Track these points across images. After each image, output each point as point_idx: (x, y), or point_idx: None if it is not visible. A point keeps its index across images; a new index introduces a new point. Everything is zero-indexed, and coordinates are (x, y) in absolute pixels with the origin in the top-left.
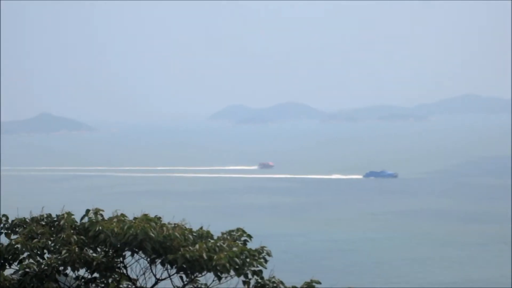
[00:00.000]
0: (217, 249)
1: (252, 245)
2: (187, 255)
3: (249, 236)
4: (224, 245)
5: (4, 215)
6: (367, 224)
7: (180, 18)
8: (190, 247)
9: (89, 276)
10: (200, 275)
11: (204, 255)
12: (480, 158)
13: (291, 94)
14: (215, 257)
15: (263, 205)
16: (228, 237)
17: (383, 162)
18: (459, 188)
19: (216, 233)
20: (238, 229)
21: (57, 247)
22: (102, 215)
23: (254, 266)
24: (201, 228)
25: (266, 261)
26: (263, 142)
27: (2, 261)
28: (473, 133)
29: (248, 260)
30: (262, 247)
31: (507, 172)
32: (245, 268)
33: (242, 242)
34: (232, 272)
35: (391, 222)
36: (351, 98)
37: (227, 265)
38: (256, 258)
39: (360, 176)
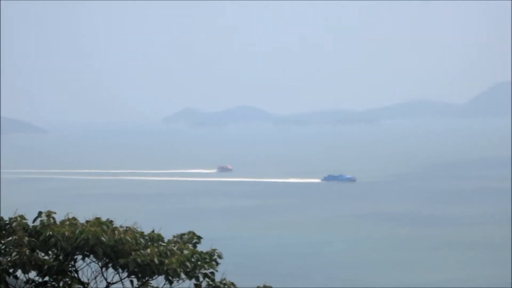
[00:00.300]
0: (168, 253)
1: (205, 247)
2: (139, 260)
3: (199, 238)
4: (175, 249)
5: None
6: (322, 228)
7: (137, 21)
8: (142, 251)
9: (40, 280)
10: (151, 279)
11: (156, 260)
12: (433, 163)
13: (244, 98)
14: (166, 261)
15: (220, 208)
16: (179, 240)
17: (339, 166)
18: (414, 192)
19: (168, 236)
20: (189, 232)
21: (7, 249)
22: (54, 218)
23: (205, 269)
24: (153, 231)
25: (217, 263)
26: (220, 146)
27: None
28: (425, 137)
29: (199, 263)
30: (213, 250)
31: (460, 176)
32: (196, 271)
33: (192, 244)
34: (183, 276)
35: (345, 225)
36: (303, 102)
37: (178, 269)
38: (207, 261)
39: (318, 180)
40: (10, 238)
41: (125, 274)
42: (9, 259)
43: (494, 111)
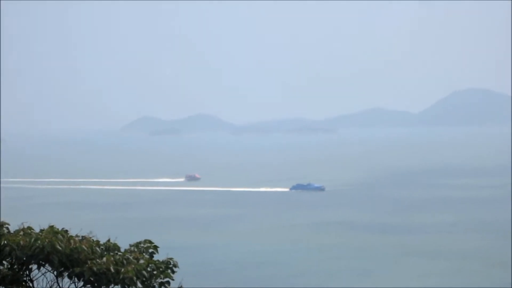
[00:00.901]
0: (124, 261)
1: (164, 256)
2: (94, 268)
3: (155, 248)
4: (131, 258)
5: None
6: (285, 236)
7: (97, 30)
8: (98, 260)
9: None
10: None
11: (112, 268)
12: (395, 171)
13: (201, 106)
14: (122, 270)
15: (184, 217)
16: (136, 249)
17: (303, 175)
18: (381, 200)
19: (125, 245)
20: (145, 241)
21: None
22: (8, 228)
23: (161, 278)
24: (109, 240)
25: (173, 272)
26: (181, 154)
27: None
28: (383, 146)
29: (155, 272)
30: (169, 259)
31: (422, 185)
32: (152, 280)
33: (149, 254)
34: (139, 285)
35: (309, 234)
36: (260, 111)
37: (134, 278)
38: (163, 270)
39: (286, 189)
40: None
41: (81, 283)
42: None
43: (450, 120)
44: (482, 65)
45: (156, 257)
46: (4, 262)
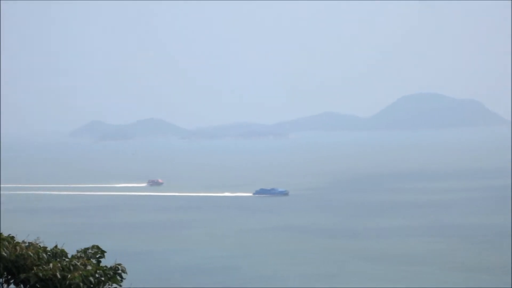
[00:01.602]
0: (71, 267)
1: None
2: (40, 274)
3: (103, 253)
4: (79, 264)
5: None
6: (243, 242)
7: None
8: (44, 266)
9: None
10: None
11: (58, 274)
12: (350, 175)
13: (151, 111)
14: (69, 276)
15: (143, 223)
16: (83, 255)
17: (262, 179)
18: (340, 204)
19: (73, 251)
20: (92, 247)
21: None
22: None
23: (109, 284)
24: (56, 246)
25: (121, 279)
26: (133, 159)
27: None
28: (335, 150)
29: (103, 278)
30: (117, 265)
31: (374, 188)
32: (100, 286)
33: (96, 259)
34: None
35: (267, 239)
36: (211, 116)
37: (81, 284)
38: (111, 276)
39: (250, 194)
40: None
41: None
42: None
43: (400, 124)
44: (431, 70)
45: (105, 262)
46: None
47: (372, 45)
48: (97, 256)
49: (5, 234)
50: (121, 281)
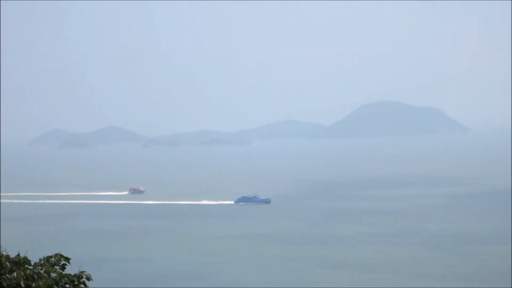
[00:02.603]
0: (35, 276)
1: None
2: (4, 284)
3: (67, 260)
4: (43, 272)
5: None
6: (216, 249)
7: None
8: (7, 275)
9: None
10: None
11: (22, 283)
12: (317, 182)
13: (112, 119)
14: (33, 285)
15: (116, 230)
16: (46, 263)
17: (233, 187)
18: (312, 211)
19: (36, 260)
20: (56, 255)
21: None
22: None
23: None
24: (18, 255)
25: (86, 286)
26: (97, 167)
27: None
28: (298, 157)
29: (67, 286)
30: (82, 272)
31: (343, 196)
32: None
33: (60, 267)
34: None
35: (240, 246)
36: (172, 123)
37: None
38: (75, 283)
39: (231, 202)
40: None
41: None
42: None
43: (361, 132)
44: (391, 78)
45: (70, 270)
46: None
47: (333, 53)
48: (61, 263)
49: None
50: None
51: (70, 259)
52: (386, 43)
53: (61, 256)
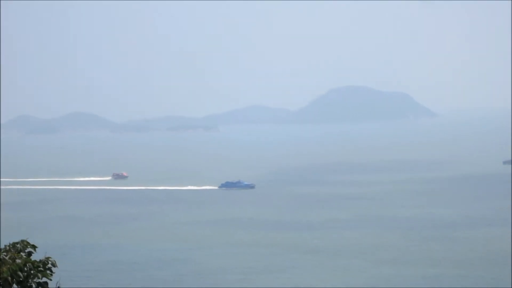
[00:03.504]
0: None
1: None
2: None
3: (34, 247)
4: (7, 258)
5: None
6: (193, 235)
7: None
8: None
9: None
10: None
11: None
12: (289, 168)
13: (80, 104)
14: None
15: (93, 216)
16: (12, 250)
17: (205, 173)
18: (279, 197)
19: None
20: (22, 241)
21: None
22: None
23: (38, 278)
24: None
25: (51, 272)
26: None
27: None
28: (267, 143)
29: (32, 272)
30: (47, 258)
31: (317, 181)
32: (30, 281)
33: (26, 253)
34: (15, 285)
35: (218, 231)
36: (140, 109)
37: (9, 278)
38: (40, 269)
39: (215, 187)
40: None
41: None
42: None
43: (328, 118)
44: (359, 63)
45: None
46: None
47: (300, 38)
48: (27, 250)
49: None
50: (51, 274)
51: (36, 246)
52: (354, 28)
53: (28, 243)
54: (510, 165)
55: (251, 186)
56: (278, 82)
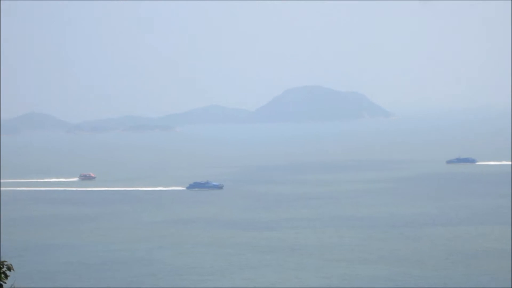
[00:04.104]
0: None
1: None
2: None
3: None
4: None
5: None
6: (154, 234)
7: None
8: None
9: None
10: None
11: None
12: (250, 168)
13: (32, 105)
14: None
15: (48, 216)
16: None
17: (170, 172)
18: (245, 196)
19: None
20: None
21: None
22: None
23: None
24: None
25: (6, 276)
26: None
27: None
28: (225, 143)
29: None
30: (2, 262)
31: (279, 181)
32: None
33: None
34: None
35: (179, 231)
36: (96, 109)
37: None
38: None
39: (183, 188)
40: None
41: None
42: None
43: (286, 117)
44: (315, 63)
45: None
46: None
47: (256, 38)
48: None
49: None
50: (6, 278)
51: None
52: (311, 28)
53: None
54: (455, 164)
55: (219, 187)
56: (236, 82)
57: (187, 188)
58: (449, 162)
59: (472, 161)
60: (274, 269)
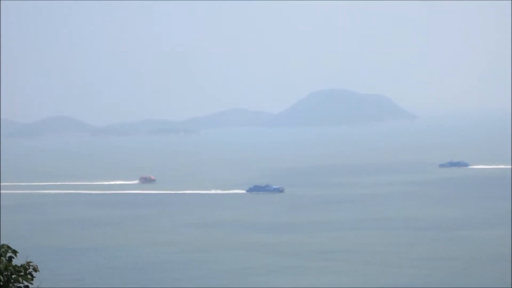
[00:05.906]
0: None
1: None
2: None
3: (14, 252)
4: None
5: None
6: (201, 238)
7: None
8: None
9: None
10: None
11: None
12: (272, 170)
13: (59, 108)
14: None
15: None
16: None
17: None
18: (315, 199)
19: None
20: (2, 245)
21: None
22: None
23: (19, 282)
24: None
25: (32, 277)
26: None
27: None
28: (250, 146)
29: (13, 276)
30: (28, 263)
31: (316, 184)
32: (10, 285)
33: (7, 258)
34: None
35: (226, 234)
36: (120, 112)
37: None
38: (21, 274)
39: (243, 191)
40: None
41: None
42: None
43: (309, 121)
44: (339, 66)
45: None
46: None
47: (280, 42)
48: (7, 255)
49: None
50: (32, 279)
51: (17, 252)
52: (334, 31)
53: (8, 247)
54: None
55: (280, 190)
56: (259, 85)
57: (247, 191)
58: (442, 165)
59: (465, 164)
60: (304, 272)
